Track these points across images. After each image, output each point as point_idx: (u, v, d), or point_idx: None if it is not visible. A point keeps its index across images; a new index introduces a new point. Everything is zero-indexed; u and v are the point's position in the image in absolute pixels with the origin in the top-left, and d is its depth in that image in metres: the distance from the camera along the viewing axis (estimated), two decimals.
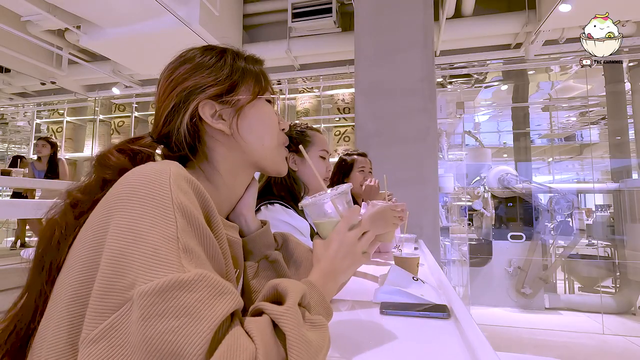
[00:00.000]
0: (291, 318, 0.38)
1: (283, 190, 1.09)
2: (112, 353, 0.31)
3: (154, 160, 0.51)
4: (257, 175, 0.66)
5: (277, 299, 0.42)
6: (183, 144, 0.51)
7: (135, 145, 0.51)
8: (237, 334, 0.33)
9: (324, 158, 1.17)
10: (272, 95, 0.60)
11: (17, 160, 4.28)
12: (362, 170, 1.85)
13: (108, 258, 0.34)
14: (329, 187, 0.91)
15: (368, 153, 1.96)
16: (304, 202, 0.60)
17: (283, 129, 0.61)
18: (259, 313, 0.40)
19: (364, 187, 1.73)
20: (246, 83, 0.56)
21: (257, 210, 1.02)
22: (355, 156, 1.88)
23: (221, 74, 0.54)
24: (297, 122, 1.20)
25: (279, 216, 0.99)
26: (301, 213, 1.08)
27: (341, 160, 1.89)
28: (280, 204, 1.03)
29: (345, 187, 0.59)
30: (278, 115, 0.61)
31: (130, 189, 0.38)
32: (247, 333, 0.35)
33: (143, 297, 0.31)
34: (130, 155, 0.49)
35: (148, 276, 0.32)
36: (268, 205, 1.02)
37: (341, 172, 1.85)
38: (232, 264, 0.47)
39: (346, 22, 3.95)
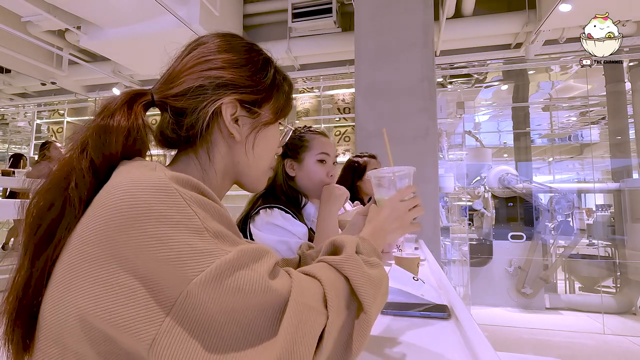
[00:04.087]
0: (352, 263, 0.44)
1: (284, 194, 1.09)
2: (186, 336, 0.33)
3: (143, 155, 0.48)
4: None
5: (335, 253, 0.48)
6: (196, 128, 0.49)
7: (138, 104, 0.47)
8: (297, 276, 0.40)
9: (322, 161, 1.10)
10: (289, 126, 0.62)
11: (19, 160, 4.14)
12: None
13: (144, 280, 0.34)
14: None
15: (368, 153, 1.95)
16: (372, 172, 0.72)
17: (276, 154, 0.62)
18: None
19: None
20: (275, 102, 0.56)
21: (256, 213, 1.03)
22: (367, 158, 1.86)
23: (261, 84, 0.53)
24: (298, 126, 1.19)
25: (274, 221, 0.99)
26: (300, 218, 1.07)
27: (352, 162, 1.86)
28: (279, 208, 1.03)
29: (408, 169, 0.70)
30: (279, 141, 0.62)
31: (125, 196, 0.36)
32: (306, 273, 0.42)
33: (203, 285, 0.33)
34: (126, 139, 0.45)
35: (197, 269, 0.34)
36: (267, 209, 1.02)
37: (354, 175, 1.82)
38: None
39: (346, 22, 3.95)
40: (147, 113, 0.50)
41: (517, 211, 5.25)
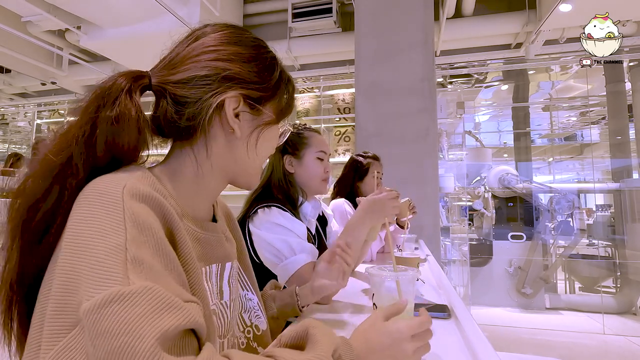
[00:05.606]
0: None
1: (281, 193, 1.09)
2: None
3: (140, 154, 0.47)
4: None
5: (300, 347, 0.38)
6: (197, 119, 0.47)
7: (137, 89, 0.45)
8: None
9: (321, 159, 1.14)
10: (287, 126, 0.60)
11: (15, 159, 4.01)
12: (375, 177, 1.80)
13: (60, 275, 0.33)
14: (341, 192, 0.92)
15: (372, 154, 1.91)
16: (371, 270, 0.62)
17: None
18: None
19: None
20: (278, 102, 0.55)
21: (255, 212, 1.03)
22: (370, 159, 1.79)
23: (267, 81, 0.52)
24: (297, 122, 1.20)
25: (274, 219, 0.99)
26: (297, 216, 1.07)
27: (355, 161, 1.80)
28: (277, 206, 1.03)
29: (413, 274, 0.60)
30: (278, 140, 0.61)
31: (83, 202, 0.36)
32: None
33: (87, 315, 0.29)
34: (139, 131, 0.44)
35: (92, 291, 0.30)
36: (265, 208, 1.02)
37: (356, 174, 1.77)
38: (199, 276, 0.43)
39: (346, 22, 3.95)
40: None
41: (517, 211, 5.25)
